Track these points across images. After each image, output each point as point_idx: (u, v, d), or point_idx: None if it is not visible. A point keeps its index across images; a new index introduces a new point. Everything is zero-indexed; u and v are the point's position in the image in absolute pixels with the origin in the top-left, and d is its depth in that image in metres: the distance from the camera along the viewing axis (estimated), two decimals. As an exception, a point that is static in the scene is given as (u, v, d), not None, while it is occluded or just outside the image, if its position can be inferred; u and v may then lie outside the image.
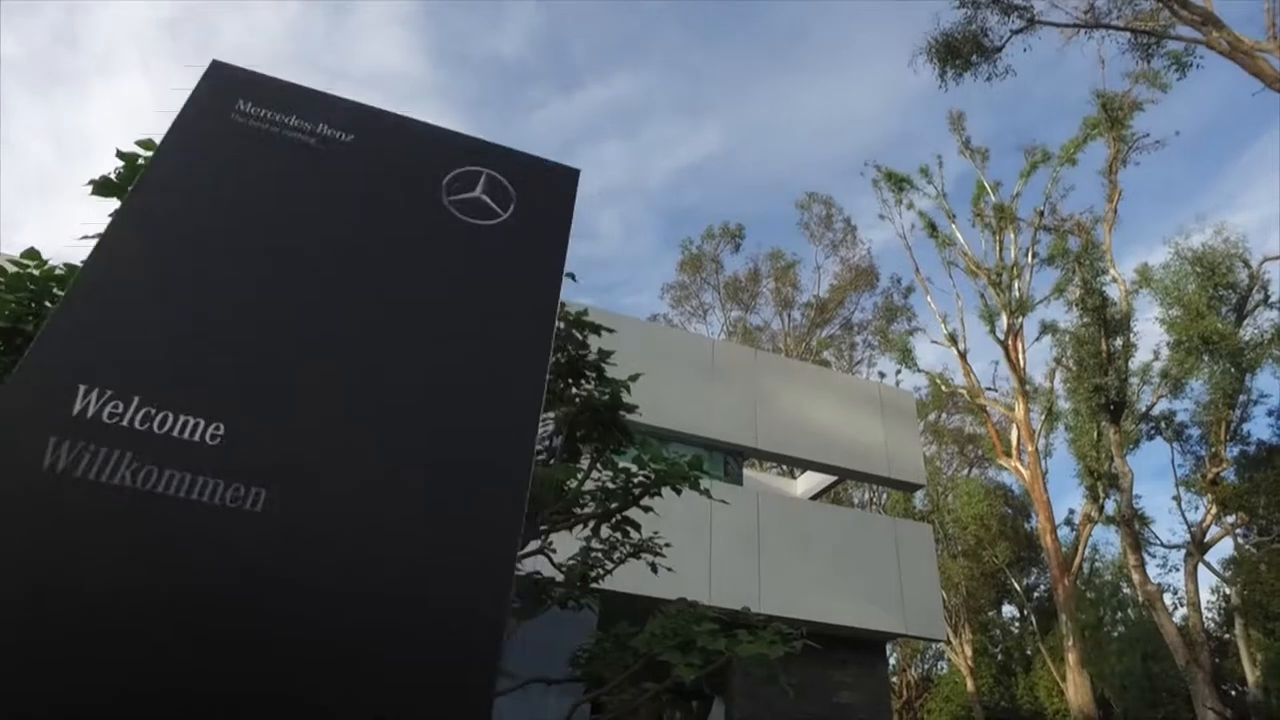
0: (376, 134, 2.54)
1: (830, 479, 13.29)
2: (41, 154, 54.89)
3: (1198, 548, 20.78)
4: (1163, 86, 22.60)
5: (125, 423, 1.75)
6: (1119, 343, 21.16)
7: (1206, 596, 26.64)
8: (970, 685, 27.95)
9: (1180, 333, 20.31)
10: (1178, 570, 23.90)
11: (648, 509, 3.85)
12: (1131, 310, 22.01)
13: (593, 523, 3.88)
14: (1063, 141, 25.10)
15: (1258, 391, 21.39)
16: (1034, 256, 25.47)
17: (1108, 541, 36.91)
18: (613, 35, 52.61)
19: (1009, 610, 32.50)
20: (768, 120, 53.32)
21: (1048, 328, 24.81)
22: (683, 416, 10.36)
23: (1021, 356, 24.95)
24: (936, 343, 28.26)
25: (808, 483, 14.12)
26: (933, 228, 27.35)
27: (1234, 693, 21.91)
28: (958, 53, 18.55)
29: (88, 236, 2.70)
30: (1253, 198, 49.19)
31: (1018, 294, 25.05)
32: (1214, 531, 21.12)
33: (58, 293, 3.05)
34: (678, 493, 3.97)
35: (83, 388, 1.76)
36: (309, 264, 2.20)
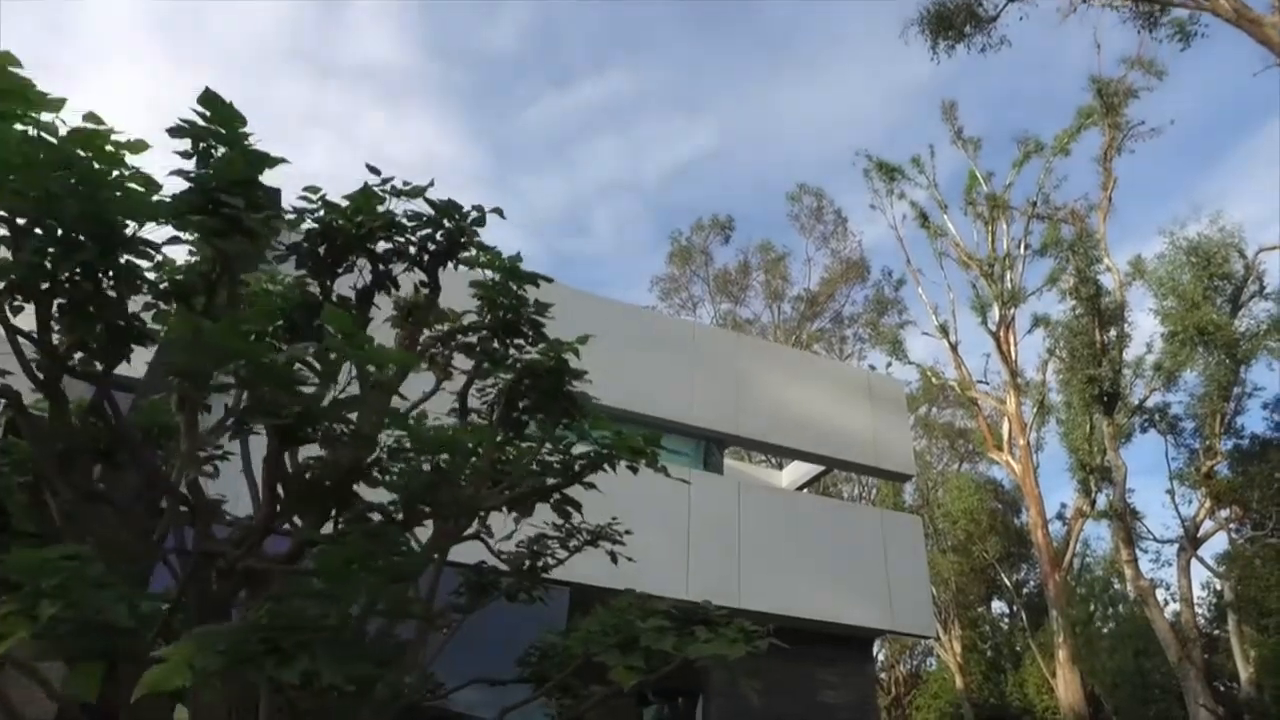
0: None
1: (817, 470, 12.79)
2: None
3: (1191, 542, 20.43)
4: (1159, 73, 22.23)
5: None
6: (1113, 333, 20.77)
7: (1197, 592, 26.34)
8: (959, 682, 27.65)
9: (1175, 323, 19.94)
10: (1170, 565, 23.58)
11: (590, 486, 3.31)
12: (1125, 300, 21.64)
13: (529, 504, 3.33)
14: (1056, 133, 24.72)
15: (1252, 384, 20.98)
16: (1026, 248, 25.09)
17: (1099, 537, 36.77)
18: (606, 30, 52.10)
19: (999, 606, 32.25)
20: (762, 118, 53.04)
21: (1040, 320, 24.44)
22: (661, 402, 9.84)
23: (1013, 349, 24.58)
24: (927, 334, 27.89)
25: (794, 474, 13.63)
26: (924, 218, 26.93)
27: (1222, 688, 21.59)
28: (950, 23, 18.04)
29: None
30: (1248, 194, 49.14)
31: (1010, 285, 24.66)
32: (1208, 526, 20.79)
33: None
34: (634, 471, 3.44)
35: None
36: None
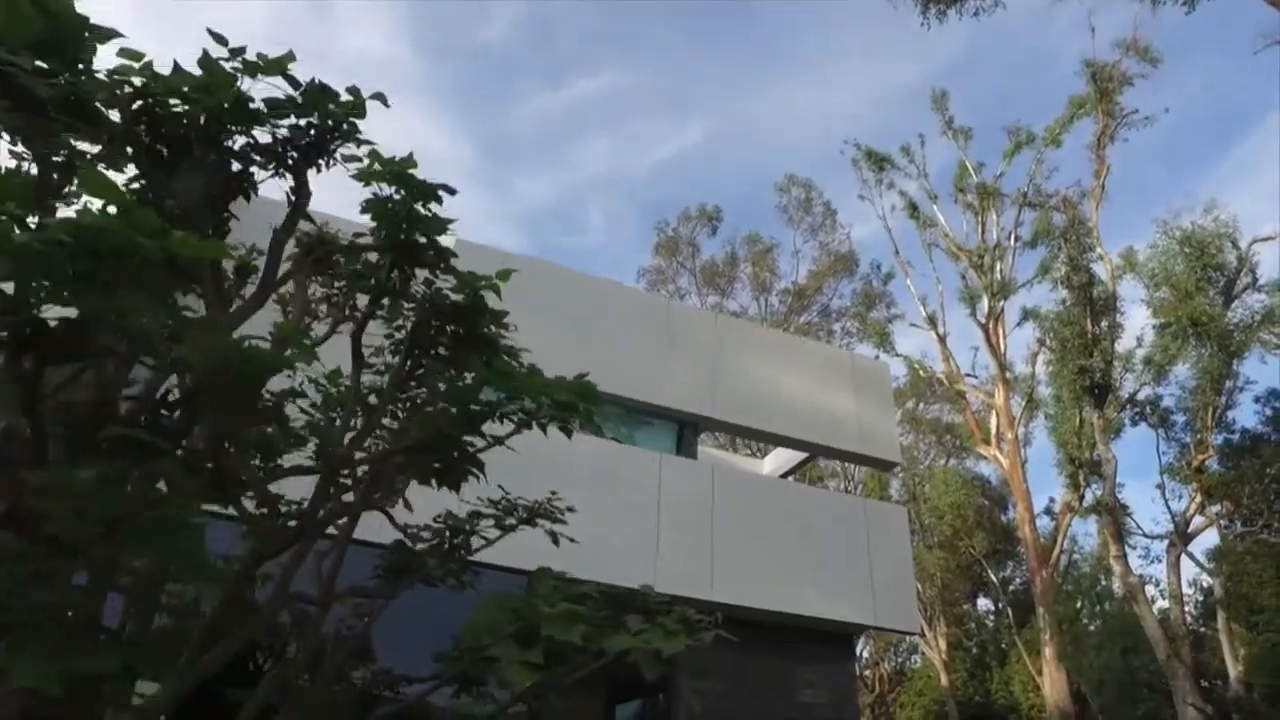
0: None
1: (798, 458, 12.21)
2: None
3: (1181, 538, 20.03)
4: (1153, 60, 21.78)
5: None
6: (1105, 324, 20.33)
7: (1185, 589, 26.03)
8: (944, 680, 27.25)
9: (1168, 314, 19.50)
10: (1159, 562, 23.21)
11: (497, 441, 2.68)
12: (1117, 291, 21.21)
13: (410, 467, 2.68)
14: (1047, 124, 24.26)
15: (1244, 377, 20.59)
16: (1016, 239, 24.65)
17: (1086, 533, 36.41)
18: (599, 28, 51.36)
19: (985, 603, 31.89)
20: (752, 115, 52.55)
21: (1029, 314, 24.02)
22: (632, 382, 9.21)
23: (1002, 341, 24.15)
24: (915, 325, 27.39)
25: (775, 463, 13.04)
26: (914, 208, 26.46)
27: (1210, 686, 21.23)
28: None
29: None
30: (1246, 194, 49.03)
31: (1000, 276, 24.20)
32: (1198, 521, 20.41)
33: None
34: (566, 433, 2.81)
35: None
36: None
